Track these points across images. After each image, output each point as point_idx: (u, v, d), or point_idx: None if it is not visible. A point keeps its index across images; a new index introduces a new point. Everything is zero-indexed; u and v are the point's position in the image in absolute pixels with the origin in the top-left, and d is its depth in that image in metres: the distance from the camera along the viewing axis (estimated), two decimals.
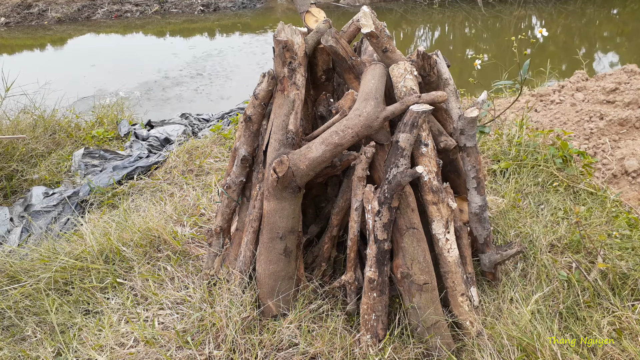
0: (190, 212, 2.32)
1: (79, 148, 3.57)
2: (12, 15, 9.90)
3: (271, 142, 1.48)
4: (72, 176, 3.22)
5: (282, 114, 1.47)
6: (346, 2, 11.40)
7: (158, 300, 1.70)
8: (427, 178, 1.46)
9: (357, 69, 1.57)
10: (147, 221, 2.12)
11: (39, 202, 2.80)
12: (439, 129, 1.62)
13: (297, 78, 1.49)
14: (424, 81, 1.59)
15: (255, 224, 1.58)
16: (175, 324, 1.59)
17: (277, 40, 1.47)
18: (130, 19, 10.50)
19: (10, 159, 3.26)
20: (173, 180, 2.80)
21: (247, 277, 1.61)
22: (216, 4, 11.39)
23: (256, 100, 1.56)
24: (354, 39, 1.71)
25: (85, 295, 1.78)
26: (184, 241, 2.05)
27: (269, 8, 11.73)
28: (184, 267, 1.87)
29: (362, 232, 1.64)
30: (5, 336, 1.66)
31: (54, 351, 1.55)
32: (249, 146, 1.61)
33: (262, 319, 1.57)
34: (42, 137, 3.60)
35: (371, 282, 1.44)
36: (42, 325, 1.68)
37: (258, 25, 9.70)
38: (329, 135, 1.37)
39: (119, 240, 2.00)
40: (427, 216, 1.50)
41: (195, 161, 2.99)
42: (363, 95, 1.41)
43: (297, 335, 1.48)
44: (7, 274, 1.91)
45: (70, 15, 10.22)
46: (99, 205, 2.77)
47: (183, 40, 8.65)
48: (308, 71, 1.58)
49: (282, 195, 1.44)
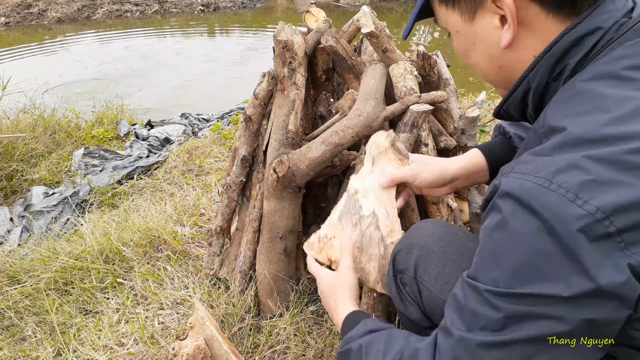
0: (190, 212, 2.32)
1: (79, 148, 3.57)
2: (12, 15, 9.90)
3: (271, 142, 1.48)
4: (72, 176, 3.22)
5: (282, 113, 1.47)
6: (346, 2, 11.40)
7: (158, 300, 1.70)
8: None
9: (357, 69, 1.57)
10: (147, 221, 2.12)
11: (39, 202, 2.80)
12: (439, 128, 1.62)
13: (297, 78, 1.48)
14: (424, 81, 1.59)
15: (255, 223, 1.58)
16: (175, 324, 1.59)
17: (277, 40, 1.47)
18: (130, 18, 10.50)
19: (10, 159, 3.26)
20: (173, 180, 2.80)
21: (246, 276, 1.61)
22: (216, 3, 11.39)
23: (256, 100, 1.56)
24: (353, 39, 1.71)
25: (85, 295, 1.78)
26: (184, 241, 2.05)
27: (269, 8, 11.74)
28: (183, 267, 1.87)
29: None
30: (5, 336, 1.66)
31: (54, 351, 1.55)
32: (249, 146, 1.60)
33: (261, 319, 1.57)
34: (42, 137, 3.60)
35: None
36: (42, 325, 1.68)
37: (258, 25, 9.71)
38: (329, 135, 1.37)
39: (119, 240, 2.00)
40: (427, 216, 1.50)
41: (195, 161, 2.98)
42: (363, 95, 1.41)
43: (297, 336, 1.48)
44: (7, 274, 1.91)
45: (70, 15, 10.22)
46: (99, 205, 2.77)
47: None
48: (308, 71, 1.58)
49: (282, 195, 1.44)
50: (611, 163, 0.51)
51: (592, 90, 0.59)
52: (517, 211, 0.55)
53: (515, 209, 0.56)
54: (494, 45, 0.70)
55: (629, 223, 0.50)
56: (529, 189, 0.54)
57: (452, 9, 0.73)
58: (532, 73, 0.67)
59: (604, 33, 0.62)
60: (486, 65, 0.75)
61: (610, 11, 0.62)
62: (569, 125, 0.57)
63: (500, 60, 0.72)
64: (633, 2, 0.66)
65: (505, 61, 0.71)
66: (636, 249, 0.51)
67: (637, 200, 0.50)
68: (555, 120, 0.60)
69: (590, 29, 0.62)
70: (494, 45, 0.70)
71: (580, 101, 0.59)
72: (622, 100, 0.56)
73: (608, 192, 0.51)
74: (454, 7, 0.73)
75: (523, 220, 0.55)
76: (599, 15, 0.62)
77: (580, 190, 0.52)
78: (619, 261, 0.51)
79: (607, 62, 0.60)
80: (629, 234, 0.51)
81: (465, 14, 0.71)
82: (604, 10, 0.62)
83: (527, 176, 0.55)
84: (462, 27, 0.73)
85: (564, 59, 0.64)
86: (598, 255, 0.51)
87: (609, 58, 0.60)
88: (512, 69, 0.71)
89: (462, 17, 0.72)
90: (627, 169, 0.51)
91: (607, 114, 0.55)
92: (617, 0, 0.64)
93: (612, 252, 0.51)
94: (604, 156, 0.52)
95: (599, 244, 0.51)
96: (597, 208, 0.50)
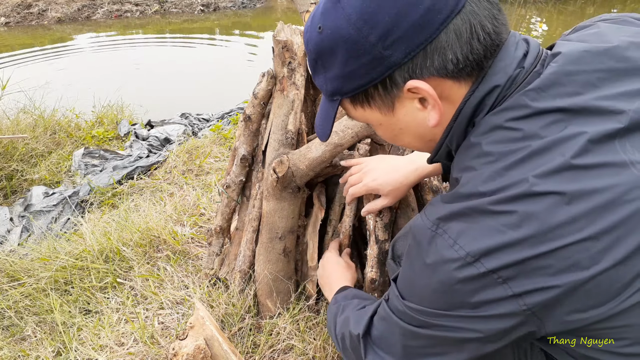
0: (190, 212, 2.32)
1: (79, 148, 3.57)
2: (12, 15, 9.90)
3: (270, 142, 1.48)
4: (72, 176, 3.22)
5: (282, 113, 1.47)
6: None
7: (158, 300, 1.70)
8: (427, 178, 1.46)
9: None
10: (147, 221, 2.12)
11: (39, 202, 2.80)
12: None
13: (296, 78, 1.48)
14: None
15: (255, 223, 1.58)
16: (175, 324, 1.59)
17: (277, 40, 1.47)
18: (130, 18, 10.50)
19: (10, 159, 3.27)
20: (173, 180, 2.80)
21: (246, 276, 1.61)
22: (216, 3, 11.39)
23: (256, 100, 1.56)
24: None
25: (85, 295, 1.78)
26: (184, 241, 2.05)
27: (269, 8, 11.74)
28: (183, 267, 1.87)
29: (362, 232, 1.64)
30: (5, 336, 1.66)
31: (54, 351, 1.55)
32: (248, 146, 1.60)
33: (260, 319, 1.57)
34: (42, 137, 3.60)
35: (372, 283, 1.44)
36: (42, 325, 1.68)
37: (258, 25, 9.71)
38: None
39: (118, 240, 2.00)
40: None
41: (195, 161, 2.99)
42: None
43: (296, 335, 1.48)
44: (7, 274, 1.91)
45: (70, 15, 10.22)
46: (99, 205, 2.77)
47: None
48: (307, 71, 1.58)
49: (281, 195, 1.44)
50: (486, 213, 0.58)
51: (479, 144, 0.64)
52: (415, 246, 0.67)
53: (414, 243, 0.67)
54: (421, 126, 0.71)
55: (499, 264, 0.57)
56: (422, 232, 0.65)
57: (368, 107, 0.73)
58: (447, 139, 0.71)
59: (500, 90, 0.65)
60: (417, 143, 0.78)
61: (502, 68, 0.65)
62: (462, 179, 0.65)
63: (429, 135, 0.74)
64: (525, 48, 0.67)
65: (433, 135, 0.74)
66: (513, 283, 0.57)
67: (503, 244, 0.56)
68: (455, 172, 0.68)
69: (488, 90, 0.65)
70: (421, 126, 0.71)
71: (470, 156, 0.65)
72: (502, 154, 0.61)
73: (480, 239, 0.58)
74: (369, 106, 0.72)
75: (417, 255, 0.66)
76: (492, 75, 0.65)
77: (458, 237, 0.60)
78: (499, 292, 0.58)
79: (495, 114, 0.64)
80: (502, 271, 0.57)
81: (383, 109, 0.71)
82: (495, 71, 0.65)
83: (425, 218, 0.66)
84: (384, 119, 0.73)
85: (471, 119, 0.68)
86: (477, 290, 0.59)
87: (497, 110, 0.64)
88: (438, 138, 0.75)
89: (380, 112, 0.72)
90: (497, 218, 0.57)
91: (487, 170, 0.61)
92: (505, 56, 0.65)
93: (489, 286, 0.58)
94: (481, 208, 0.59)
95: (475, 282, 0.58)
96: (467, 253, 0.58)
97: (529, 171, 0.57)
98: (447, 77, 0.65)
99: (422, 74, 0.64)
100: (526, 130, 0.60)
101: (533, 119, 0.60)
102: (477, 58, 0.64)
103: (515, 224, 0.56)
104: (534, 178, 0.56)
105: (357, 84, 0.68)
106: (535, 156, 0.58)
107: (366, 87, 0.68)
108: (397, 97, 0.68)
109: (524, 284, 0.56)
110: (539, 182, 0.56)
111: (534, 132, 0.59)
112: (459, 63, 0.63)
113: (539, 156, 0.58)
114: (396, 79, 0.65)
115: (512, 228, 0.56)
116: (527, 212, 0.56)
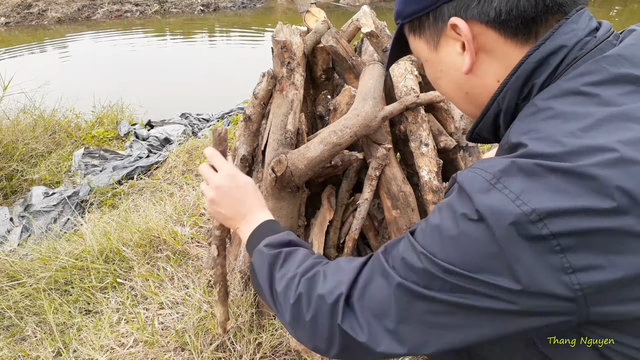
0: (190, 212, 2.32)
1: (79, 148, 3.57)
2: (12, 15, 9.91)
3: (270, 141, 1.48)
4: (72, 176, 3.22)
5: (281, 113, 1.47)
6: (346, 2, 11.40)
7: (158, 300, 1.70)
8: (428, 178, 1.45)
9: (357, 69, 1.57)
10: (147, 221, 2.12)
11: (39, 202, 2.80)
12: (439, 128, 1.62)
13: (295, 78, 1.48)
14: (424, 81, 1.59)
15: None
16: (175, 324, 1.59)
17: (276, 41, 1.47)
18: (130, 18, 10.50)
19: (10, 159, 3.27)
20: (173, 180, 2.80)
21: (246, 276, 1.61)
22: (216, 3, 11.40)
23: (256, 100, 1.56)
24: (353, 39, 1.71)
25: (85, 295, 1.78)
26: (184, 241, 2.05)
27: (269, 8, 11.74)
28: (183, 267, 1.87)
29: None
30: (5, 336, 1.66)
31: (54, 351, 1.55)
32: (248, 146, 1.61)
33: (260, 319, 1.57)
34: (42, 137, 3.60)
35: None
36: (42, 325, 1.68)
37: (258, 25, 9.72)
38: (327, 135, 1.37)
39: (118, 240, 2.00)
40: (427, 215, 1.50)
41: (195, 161, 2.99)
42: (361, 95, 1.41)
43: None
44: (7, 274, 1.91)
45: (70, 15, 10.23)
46: (99, 205, 2.78)
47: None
48: (307, 71, 1.58)
49: (280, 194, 1.44)
50: (561, 172, 0.53)
51: (550, 107, 0.61)
52: (458, 194, 0.60)
53: (458, 193, 0.60)
54: (458, 71, 0.72)
55: (565, 229, 0.52)
56: (475, 182, 0.58)
57: (419, 37, 0.75)
58: (500, 95, 0.68)
59: (568, 51, 0.63)
60: (453, 92, 0.77)
61: (573, 30, 0.64)
62: (527, 141, 0.59)
63: (465, 86, 0.73)
64: (598, 23, 0.67)
65: (470, 87, 0.73)
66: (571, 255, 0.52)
67: (576, 208, 0.52)
68: (516, 136, 0.62)
69: (554, 48, 0.63)
70: (458, 70, 0.71)
71: (538, 118, 0.61)
72: (578, 116, 0.57)
73: (550, 198, 0.52)
74: (420, 36, 0.74)
75: (460, 202, 0.58)
76: (561, 34, 0.64)
77: (522, 192, 0.54)
78: (553, 262, 0.52)
79: (569, 79, 0.62)
80: (564, 239, 0.52)
81: (430, 43, 0.73)
82: (566, 30, 0.64)
83: (478, 170, 0.59)
84: (429, 55, 0.75)
85: (530, 79, 0.66)
86: (529, 254, 0.53)
87: (572, 75, 0.62)
88: (477, 95, 0.73)
89: (428, 46, 0.74)
90: (574, 180, 0.52)
91: (562, 130, 0.57)
92: (580, 20, 0.65)
93: (544, 253, 0.52)
94: (554, 167, 0.54)
95: (530, 244, 0.53)
96: (532, 209, 0.52)
97: (612, 136, 0.54)
98: (489, 27, 0.65)
99: (465, 14, 0.66)
100: (603, 96, 0.58)
101: (611, 86, 0.59)
102: (522, 15, 0.64)
103: (595, 190, 0.51)
104: (619, 144, 0.53)
105: (413, 8, 0.72)
106: (617, 121, 0.55)
107: (420, 14, 0.71)
108: (442, 33, 0.70)
109: (583, 258, 0.52)
110: (628, 150, 0.52)
111: (611, 100, 0.58)
112: (501, 14, 0.64)
113: (620, 122, 0.55)
114: (443, 12, 0.68)
115: (589, 194, 0.52)
116: (609, 178, 0.51)
